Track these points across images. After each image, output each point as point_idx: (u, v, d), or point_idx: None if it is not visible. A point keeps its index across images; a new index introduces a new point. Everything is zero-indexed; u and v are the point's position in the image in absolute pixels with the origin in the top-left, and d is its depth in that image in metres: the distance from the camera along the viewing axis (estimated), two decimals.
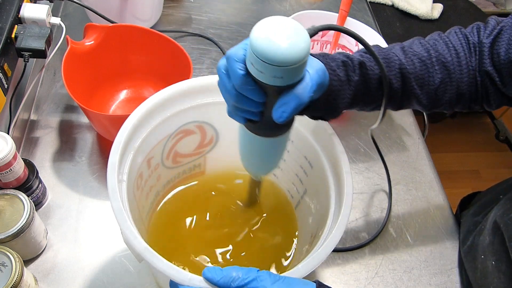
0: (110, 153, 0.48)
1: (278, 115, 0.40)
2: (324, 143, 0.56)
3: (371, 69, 0.49)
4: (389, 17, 1.54)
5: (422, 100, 0.51)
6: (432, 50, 0.51)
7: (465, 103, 0.53)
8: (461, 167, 1.94)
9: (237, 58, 0.39)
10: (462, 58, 0.50)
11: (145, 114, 0.53)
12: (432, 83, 0.50)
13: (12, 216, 0.57)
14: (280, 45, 0.36)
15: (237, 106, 0.42)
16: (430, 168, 0.83)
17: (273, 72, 0.37)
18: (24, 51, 0.66)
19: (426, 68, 0.50)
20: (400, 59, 0.50)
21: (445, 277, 0.69)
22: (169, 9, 1.03)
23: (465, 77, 0.51)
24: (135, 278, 0.63)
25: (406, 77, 0.50)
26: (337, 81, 0.47)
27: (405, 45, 0.52)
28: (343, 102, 0.48)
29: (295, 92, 0.39)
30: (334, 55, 0.49)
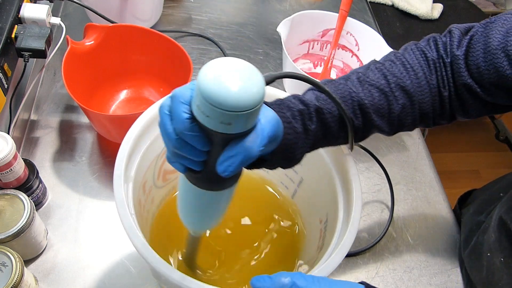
0: (114, 190, 0.46)
1: (223, 168, 0.36)
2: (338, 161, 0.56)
3: (329, 112, 0.46)
4: (389, 17, 1.54)
5: (383, 128, 0.50)
6: (390, 75, 0.49)
7: (429, 121, 0.51)
8: (461, 167, 1.94)
9: (183, 99, 0.35)
10: (422, 78, 0.49)
11: (135, 141, 0.51)
12: (393, 111, 0.48)
13: (12, 216, 0.57)
14: (231, 87, 0.32)
15: (177, 153, 0.38)
16: (430, 168, 0.83)
17: (221, 118, 0.33)
18: (24, 51, 0.66)
19: (385, 97, 0.48)
20: (358, 94, 0.47)
21: (445, 277, 0.69)
22: (169, 9, 1.03)
23: (426, 97, 0.49)
24: (135, 278, 0.63)
25: (365, 111, 0.48)
26: (293, 133, 0.44)
27: (361, 74, 0.49)
28: (301, 153, 0.46)
29: (244, 144, 0.35)
30: (289, 102, 0.45)
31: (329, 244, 0.50)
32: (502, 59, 0.45)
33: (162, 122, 0.37)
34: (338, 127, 0.47)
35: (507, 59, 0.45)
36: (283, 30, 0.81)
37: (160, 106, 0.38)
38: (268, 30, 1.03)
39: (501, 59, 0.45)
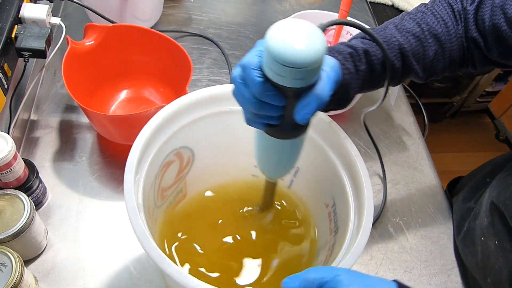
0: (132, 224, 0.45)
1: (301, 116, 0.40)
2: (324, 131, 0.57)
3: (374, 55, 0.50)
4: (389, 17, 1.54)
5: (419, 73, 0.53)
6: (423, 23, 0.52)
7: (455, 68, 0.55)
8: (461, 167, 1.94)
9: (253, 65, 0.39)
10: (451, 28, 0.53)
11: (136, 167, 0.50)
12: (427, 56, 0.52)
13: (12, 216, 0.57)
14: (300, 47, 0.36)
15: (257, 113, 0.42)
16: (430, 168, 0.83)
17: (293, 75, 0.37)
18: (24, 51, 0.66)
19: (421, 43, 0.52)
20: (398, 39, 0.51)
21: (445, 277, 0.69)
22: (169, 9, 1.03)
23: (454, 45, 0.53)
24: (136, 279, 0.63)
25: (405, 55, 0.51)
26: (348, 74, 0.48)
27: (397, 23, 0.54)
28: (353, 92, 0.50)
29: (316, 93, 0.39)
30: (339, 47, 0.50)
31: (346, 226, 0.51)
32: (500, 16, 0.50)
33: (238, 90, 0.41)
34: (381, 69, 0.51)
35: (504, 16, 0.49)
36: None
37: (233, 76, 0.41)
38: None
39: (499, 16, 0.50)
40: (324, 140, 0.58)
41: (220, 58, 0.95)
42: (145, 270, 0.64)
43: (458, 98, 1.97)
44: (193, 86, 0.89)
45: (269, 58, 0.37)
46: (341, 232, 0.53)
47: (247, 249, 0.62)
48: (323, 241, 0.59)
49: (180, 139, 0.58)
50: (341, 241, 0.51)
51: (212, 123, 0.60)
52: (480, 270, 0.62)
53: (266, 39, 0.37)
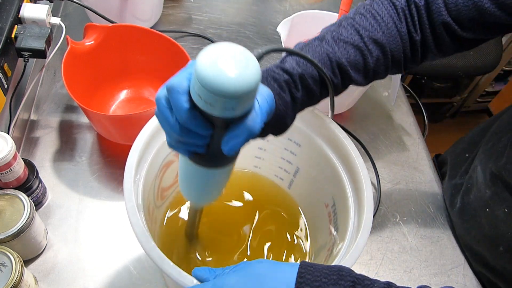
0: (132, 224, 0.45)
1: (229, 148, 0.37)
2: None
3: (311, 77, 0.48)
4: None
5: (359, 82, 0.52)
6: (362, 29, 0.51)
7: (399, 67, 0.54)
8: None
9: (181, 89, 0.35)
10: (392, 28, 0.51)
11: (136, 168, 0.51)
12: (368, 65, 0.51)
13: (12, 216, 0.57)
14: (231, 74, 0.32)
15: (180, 141, 0.39)
16: (430, 168, 0.83)
17: (224, 104, 0.34)
18: (24, 51, 0.66)
19: (360, 52, 0.50)
20: (335, 54, 0.49)
21: (445, 277, 0.69)
22: (169, 9, 1.03)
23: (397, 45, 0.51)
24: (136, 278, 0.63)
25: (344, 69, 0.50)
26: (283, 104, 0.46)
27: (334, 33, 0.51)
28: (290, 120, 0.48)
29: (246, 125, 0.36)
30: (273, 73, 0.47)
31: (346, 225, 0.51)
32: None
33: (163, 115, 0.38)
34: (320, 89, 0.50)
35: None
36: (283, 30, 0.81)
37: (157, 98, 0.38)
38: (268, 30, 1.03)
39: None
40: (324, 140, 0.58)
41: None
42: (145, 270, 0.64)
43: (458, 98, 1.97)
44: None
45: (197, 83, 0.33)
46: (341, 232, 0.53)
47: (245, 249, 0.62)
48: (323, 241, 0.59)
49: None
50: (341, 241, 0.51)
51: None
52: (487, 241, 0.63)
53: (195, 62, 0.34)
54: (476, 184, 0.64)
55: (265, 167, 0.68)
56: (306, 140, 0.59)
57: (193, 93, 0.35)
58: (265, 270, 0.40)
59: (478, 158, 0.65)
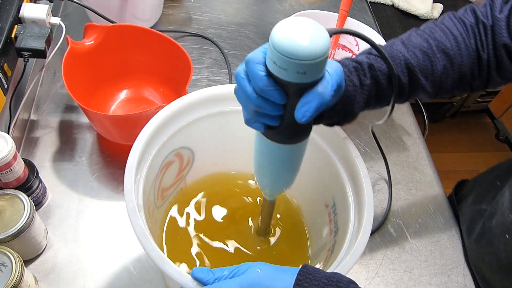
0: (133, 224, 0.45)
1: (301, 114, 0.39)
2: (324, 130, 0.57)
3: (379, 70, 0.50)
4: (389, 17, 1.54)
5: (427, 89, 0.52)
6: (431, 39, 0.52)
7: (466, 85, 0.54)
8: (461, 167, 1.94)
9: (257, 60, 0.39)
10: (461, 42, 0.52)
11: (136, 168, 0.51)
12: (436, 71, 0.51)
13: (12, 216, 0.57)
14: (303, 40, 0.36)
15: (257, 112, 0.41)
16: (430, 168, 0.83)
17: (296, 68, 0.37)
18: (24, 51, 0.66)
19: (428, 58, 0.51)
20: (404, 54, 0.51)
21: (445, 277, 0.69)
22: (169, 9, 1.03)
23: (465, 60, 0.52)
24: (135, 278, 0.63)
25: (412, 70, 0.51)
26: (352, 86, 0.48)
27: (404, 39, 0.53)
28: (358, 107, 0.49)
29: (317, 91, 0.39)
30: (344, 61, 0.49)
31: (346, 226, 0.51)
32: None
33: (241, 86, 0.41)
34: (387, 84, 0.50)
35: None
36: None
37: (237, 73, 0.41)
38: (268, 30, 1.03)
39: None
40: (324, 140, 0.58)
41: (220, 58, 0.95)
42: (145, 270, 0.64)
43: (458, 98, 1.97)
44: (193, 86, 0.89)
45: (272, 50, 0.37)
46: (341, 233, 0.53)
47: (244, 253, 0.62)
48: (323, 242, 0.59)
49: (180, 139, 0.58)
50: (341, 241, 0.51)
51: (212, 123, 0.60)
52: (502, 269, 0.61)
53: (271, 32, 0.37)
54: (500, 209, 0.62)
55: None
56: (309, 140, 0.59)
57: (269, 62, 0.38)
58: (263, 279, 0.41)
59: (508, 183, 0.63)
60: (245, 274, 0.41)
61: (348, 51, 0.90)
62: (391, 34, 1.47)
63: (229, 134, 0.62)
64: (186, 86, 0.69)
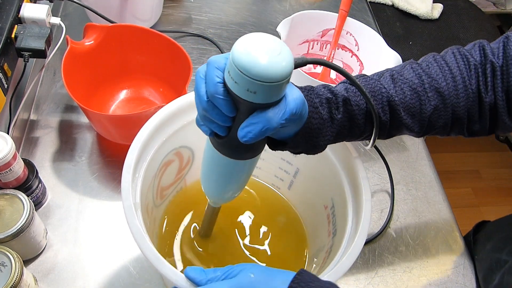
0: (128, 222, 0.45)
1: (243, 133, 0.38)
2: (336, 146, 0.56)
3: (356, 104, 0.47)
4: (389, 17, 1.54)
5: (413, 128, 0.49)
6: (425, 75, 0.49)
7: (462, 127, 0.51)
8: (461, 167, 1.94)
9: (217, 65, 0.38)
10: (459, 82, 0.48)
11: (134, 167, 0.51)
12: (424, 111, 0.48)
13: (12, 216, 0.57)
14: (261, 58, 0.34)
15: (205, 116, 0.40)
16: (430, 168, 0.83)
17: (247, 85, 0.35)
18: (24, 51, 0.66)
19: (417, 96, 0.48)
20: (388, 90, 0.48)
21: (445, 277, 0.69)
22: (169, 9, 1.03)
23: (462, 101, 0.48)
24: (135, 279, 0.63)
25: (395, 108, 0.48)
26: (318, 119, 0.45)
27: (395, 72, 0.50)
28: (324, 140, 0.47)
29: (265, 115, 0.37)
30: (319, 90, 0.47)
31: (344, 228, 0.51)
32: None
33: (197, 85, 0.40)
34: (364, 120, 0.48)
35: None
36: (283, 30, 0.81)
37: (197, 71, 0.41)
38: (268, 30, 1.03)
39: None
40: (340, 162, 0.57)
41: None
42: (145, 270, 0.64)
43: None
44: (193, 86, 0.88)
45: (230, 60, 0.36)
46: (339, 234, 0.53)
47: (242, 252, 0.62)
48: (322, 243, 0.59)
49: (179, 138, 0.58)
50: (339, 243, 0.50)
51: None
52: None
53: (236, 41, 0.36)
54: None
55: (266, 168, 0.68)
56: None
57: (225, 70, 0.37)
58: (255, 284, 0.40)
59: None
60: (238, 277, 0.41)
61: (348, 51, 0.90)
62: (391, 34, 1.47)
63: None
64: (186, 86, 0.69)
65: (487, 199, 1.83)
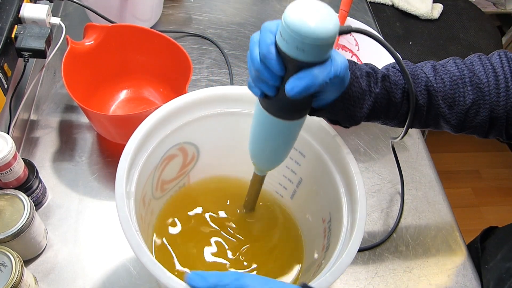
0: (118, 209, 0.45)
1: (289, 87, 0.40)
2: (314, 131, 0.57)
3: (394, 82, 0.49)
4: (389, 17, 1.54)
5: (450, 120, 0.50)
6: (467, 70, 0.49)
7: (500, 128, 0.50)
8: (461, 167, 1.94)
9: (270, 29, 0.41)
10: (502, 81, 0.48)
11: (132, 156, 0.51)
12: (462, 103, 0.49)
13: (12, 216, 0.57)
14: (310, 19, 0.37)
15: (257, 77, 0.43)
16: (430, 168, 0.83)
17: (295, 43, 0.38)
18: (24, 51, 0.66)
19: (457, 87, 0.49)
20: (428, 77, 0.49)
21: (445, 277, 0.69)
22: (169, 9, 1.04)
23: (502, 100, 0.48)
24: (135, 279, 0.63)
25: (433, 95, 0.49)
26: (358, 88, 0.47)
27: (438, 64, 0.51)
28: (361, 111, 0.48)
29: (312, 71, 0.40)
30: (361, 65, 0.49)
31: (336, 243, 0.50)
32: None
33: (251, 49, 0.42)
34: (401, 99, 0.49)
35: None
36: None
37: (251, 37, 0.43)
38: None
39: None
40: (327, 154, 0.57)
41: (220, 58, 0.95)
42: (145, 270, 0.63)
43: None
44: (193, 86, 0.89)
45: (282, 20, 0.39)
46: (330, 249, 0.52)
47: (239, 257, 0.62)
48: (315, 256, 0.58)
49: (184, 134, 0.58)
50: (329, 258, 0.50)
51: (218, 122, 0.60)
52: None
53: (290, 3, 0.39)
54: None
55: (270, 175, 0.67)
56: (311, 152, 0.58)
57: (277, 32, 0.40)
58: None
59: None
60: None
61: (348, 51, 0.90)
62: (391, 34, 1.47)
63: (236, 135, 0.62)
64: (186, 86, 0.69)
65: (487, 199, 1.83)
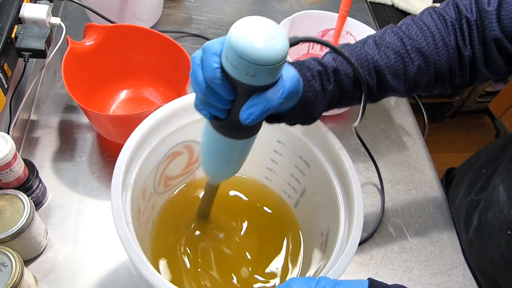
0: (112, 198, 0.46)
1: (245, 116, 0.39)
2: (320, 142, 0.56)
3: (344, 73, 0.49)
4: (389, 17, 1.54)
5: (399, 89, 0.51)
6: (406, 37, 0.50)
7: (444, 83, 0.53)
8: None
9: (214, 51, 0.39)
10: (438, 40, 0.50)
11: (135, 148, 0.51)
12: (409, 72, 0.50)
13: (12, 216, 0.57)
14: (259, 42, 0.35)
15: (204, 100, 0.41)
16: (430, 168, 0.83)
17: (246, 69, 0.36)
18: (24, 51, 0.66)
19: (401, 59, 0.50)
20: (373, 56, 0.50)
21: (445, 277, 0.69)
22: (169, 9, 1.04)
23: (443, 58, 0.50)
24: (135, 279, 0.63)
25: (381, 73, 0.50)
26: (312, 92, 0.47)
27: (377, 37, 0.51)
28: (318, 111, 0.49)
29: (266, 95, 0.39)
30: (309, 63, 0.49)
31: (329, 257, 0.50)
32: None
33: (193, 71, 0.41)
34: (353, 87, 0.50)
35: None
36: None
37: (192, 57, 0.41)
38: None
39: None
40: (330, 165, 0.57)
41: None
42: None
43: (458, 98, 1.97)
44: None
45: (227, 45, 0.37)
46: (323, 263, 0.52)
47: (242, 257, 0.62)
48: (312, 267, 0.58)
49: (190, 132, 0.58)
50: (320, 271, 0.49)
51: None
52: (504, 264, 0.60)
53: (232, 26, 0.37)
54: (497, 203, 0.61)
55: (276, 181, 0.67)
56: (315, 162, 0.58)
57: (223, 55, 0.38)
58: None
59: (499, 175, 0.62)
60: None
61: None
62: None
63: None
64: (186, 86, 0.69)
65: None
